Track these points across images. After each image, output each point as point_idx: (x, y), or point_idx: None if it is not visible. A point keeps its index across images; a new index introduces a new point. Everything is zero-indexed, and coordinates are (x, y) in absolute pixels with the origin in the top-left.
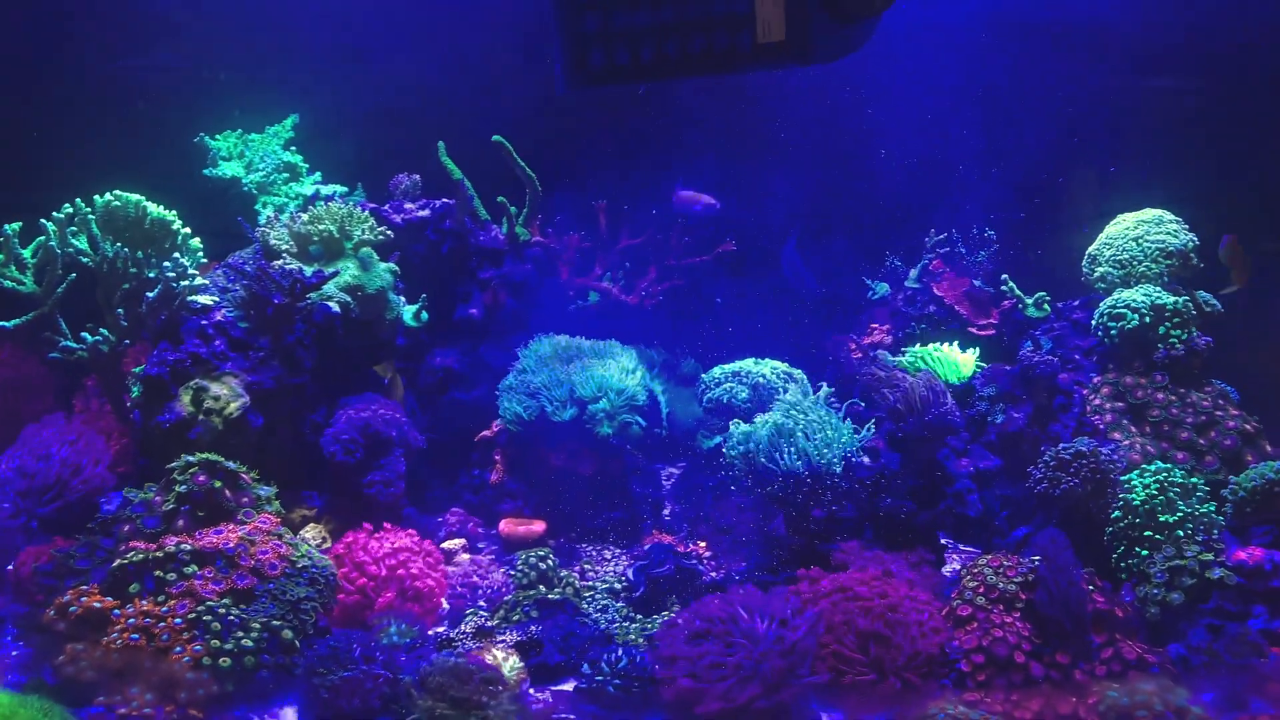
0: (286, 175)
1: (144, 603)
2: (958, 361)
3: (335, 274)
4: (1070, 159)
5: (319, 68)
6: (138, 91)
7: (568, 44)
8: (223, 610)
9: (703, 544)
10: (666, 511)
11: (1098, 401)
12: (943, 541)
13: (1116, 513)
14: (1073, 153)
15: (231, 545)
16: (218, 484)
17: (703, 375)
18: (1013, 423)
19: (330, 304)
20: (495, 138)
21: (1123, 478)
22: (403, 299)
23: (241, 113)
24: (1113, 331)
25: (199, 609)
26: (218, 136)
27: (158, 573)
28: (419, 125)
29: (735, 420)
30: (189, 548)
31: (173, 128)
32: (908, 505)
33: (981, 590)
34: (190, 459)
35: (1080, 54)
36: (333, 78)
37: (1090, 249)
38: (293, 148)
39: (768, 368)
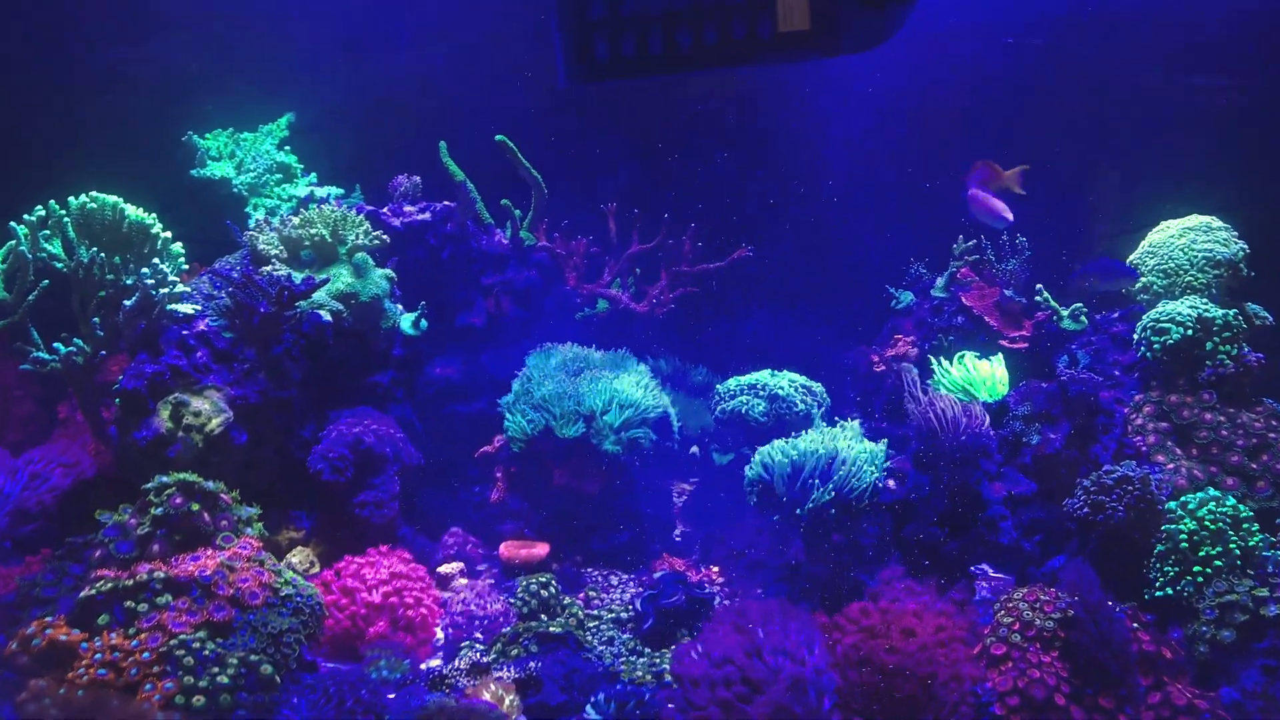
0: (280, 176)
1: (113, 635)
2: (991, 378)
3: (326, 281)
4: (1109, 161)
5: (317, 63)
6: (120, 85)
7: (570, 34)
8: (197, 644)
9: (715, 569)
10: (677, 532)
11: (1140, 421)
12: (973, 570)
13: (1161, 545)
14: (1112, 154)
15: (209, 573)
16: (195, 506)
17: (717, 386)
18: (1049, 444)
19: (321, 313)
20: (499, 137)
21: (1168, 505)
22: (400, 307)
23: (214, 108)
24: (1156, 346)
25: (171, 643)
26: (208, 135)
27: (128, 603)
28: (421, 124)
29: (765, 448)
30: (162, 576)
31: (160, 125)
32: (936, 533)
33: (1017, 627)
34: (166, 480)
35: (1118, 49)
36: (331, 73)
37: (1132, 258)
38: (287, 148)
39: (785, 380)
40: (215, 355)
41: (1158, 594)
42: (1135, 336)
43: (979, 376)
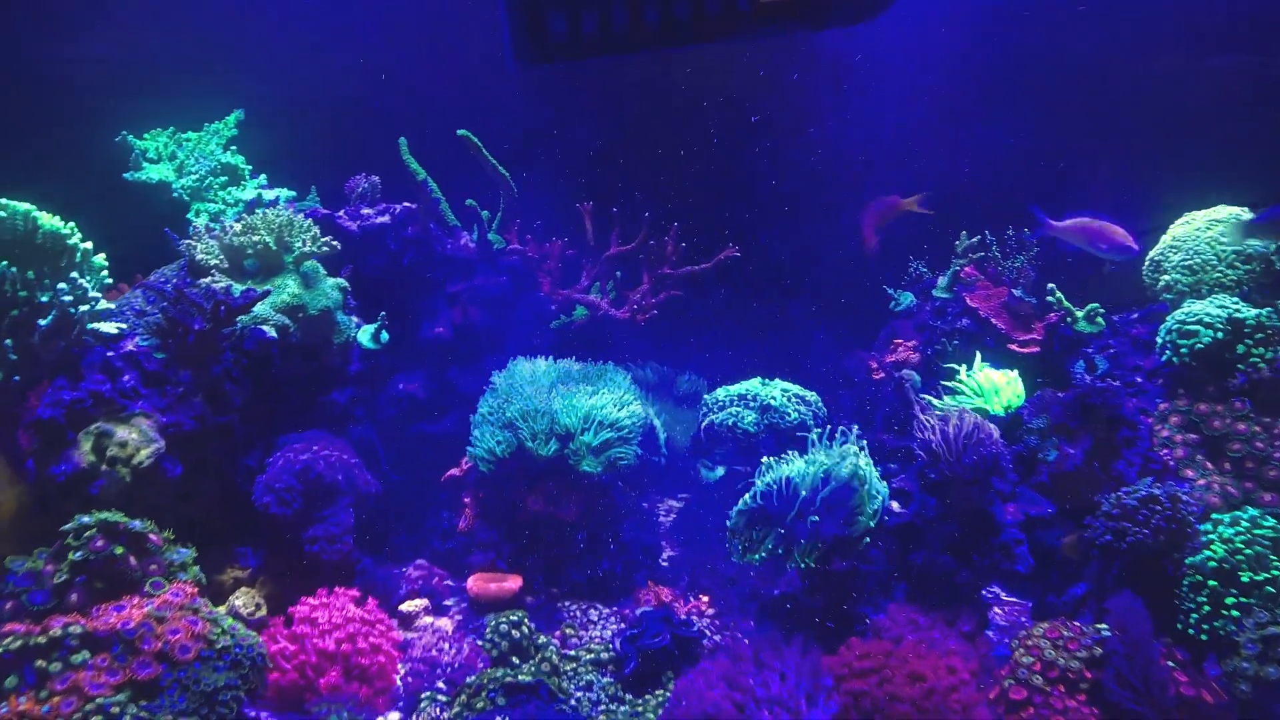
0: (225, 179)
1: (21, 700)
2: (1003, 388)
3: (267, 293)
4: (1124, 148)
5: (271, 57)
6: (48, 83)
7: (519, 7)
8: (116, 708)
9: (705, 598)
10: (665, 557)
11: (1166, 433)
12: (984, 594)
13: (1192, 576)
14: (1127, 141)
15: (133, 625)
16: (120, 550)
17: (705, 397)
18: (1068, 460)
19: (264, 328)
20: (461, 132)
21: (1201, 526)
22: (356, 319)
23: (158, 107)
24: (1182, 350)
25: (87, 707)
26: (146, 135)
27: (40, 662)
28: (383, 121)
29: (765, 466)
30: (79, 630)
31: (94, 126)
32: (946, 560)
33: (1038, 668)
34: (87, 520)
35: (1131, 31)
36: (287, 67)
37: (1152, 253)
38: (233, 148)
39: (777, 389)
40: (145, 378)
41: (1191, 630)
42: (1159, 339)
43: (989, 386)
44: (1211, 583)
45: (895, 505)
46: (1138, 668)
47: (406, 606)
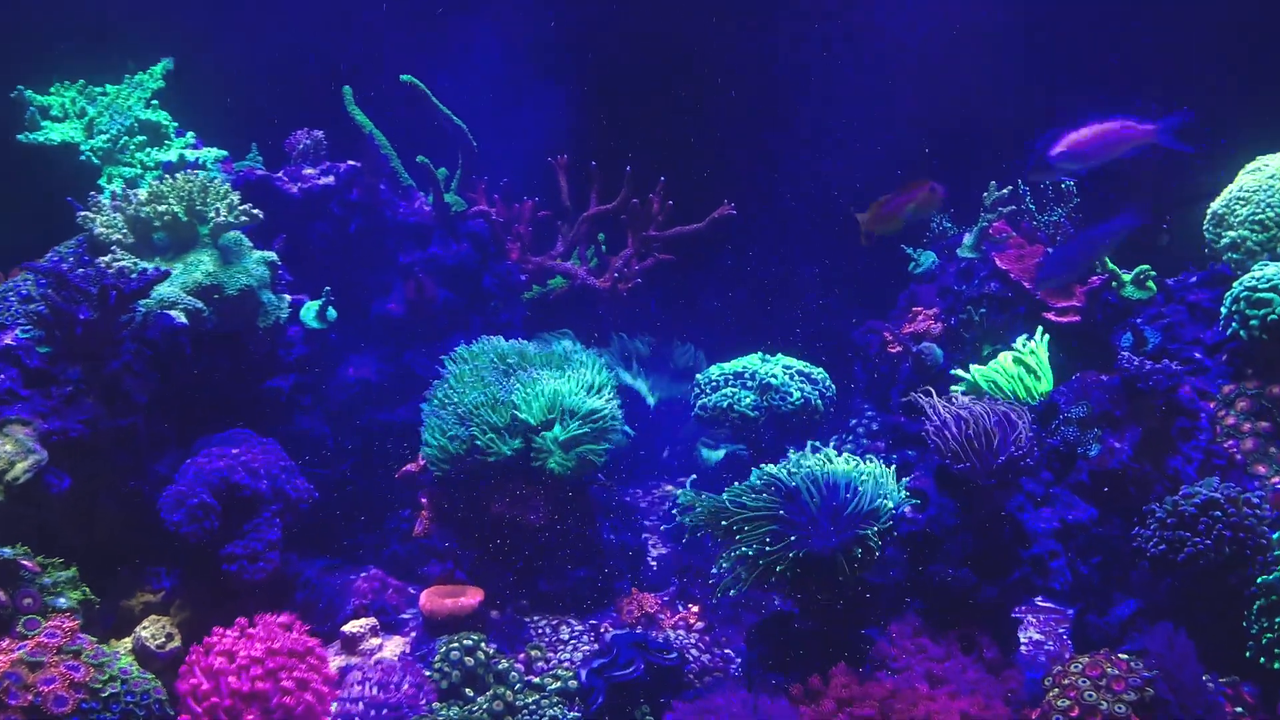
0: (145, 138)
1: None
2: (1035, 368)
3: (167, 274)
4: (1180, 81)
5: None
6: None
7: None
8: None
9: (695, 609)
10: (653, 556)
11: (1232, 421)
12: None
13: (1265, 598)
14: (1183, 72)
15: None
16: None
17: (696, 376)
18: (1113, 456)
19: (172, 313)
20: (405, 77)
21: (1275, 535)
22: (288, 297)
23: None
24: (1252, 322)
25: None
26: (52, 89)
27: None
28: (338, 72)
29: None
30: None
31: None
32: (967, 575)
33: (1076, 713)
34: None
35: None
36: (226, 12)
37: (1214, 206)
38: (155, 103)
39: (778, 366)
40: (27, 377)
41: (1262, 660)
42: (1223, 309)
43: (1014, 371)
44: None
45: (908, 510)
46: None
47: (351, 627)
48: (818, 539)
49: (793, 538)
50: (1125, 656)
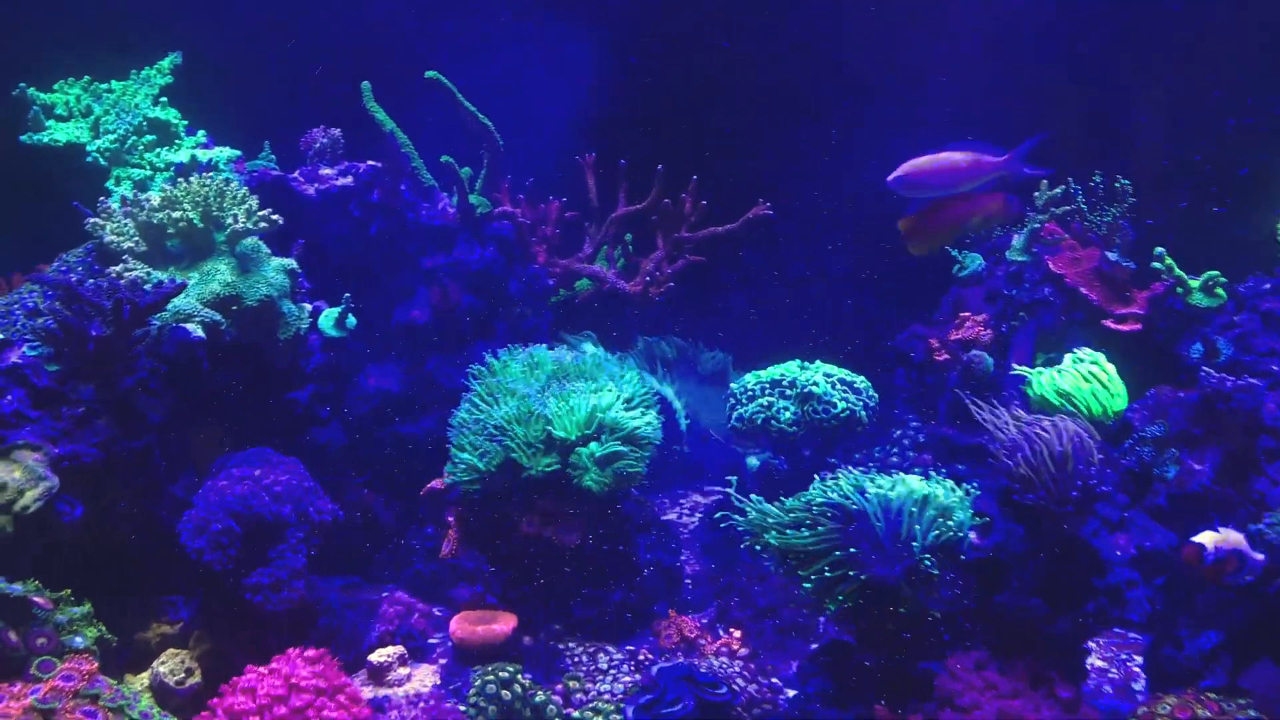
0: (154, 137)
1: None
2: (1108, 383)
3: (184, 286)
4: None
5: None
6: None
7: None
8: None
9: (737, 634)
10: (689, 574)
11: None
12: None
13: None
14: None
15: None
16: None
17: (731, 386)
18: (1193, 478)
19: (189, 327)
20: (430, 74)
21: None
22: (308, 306)
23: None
24: None
25: None
26: (56, 87)
27: None
28: (349, 66)
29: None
30: None
31: None
32: (1038, 605)
33: None
34: None
35: None
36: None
37: None
38: (164, 100)
39: (819, 374)
40: (35, 398)
41: None
42: None
43: (1084, 389)
44: None
45: (973, 536)
46: None
47: (378, 656)
48: (882, 565)
49: (855, 563)
50: (1215, 696)
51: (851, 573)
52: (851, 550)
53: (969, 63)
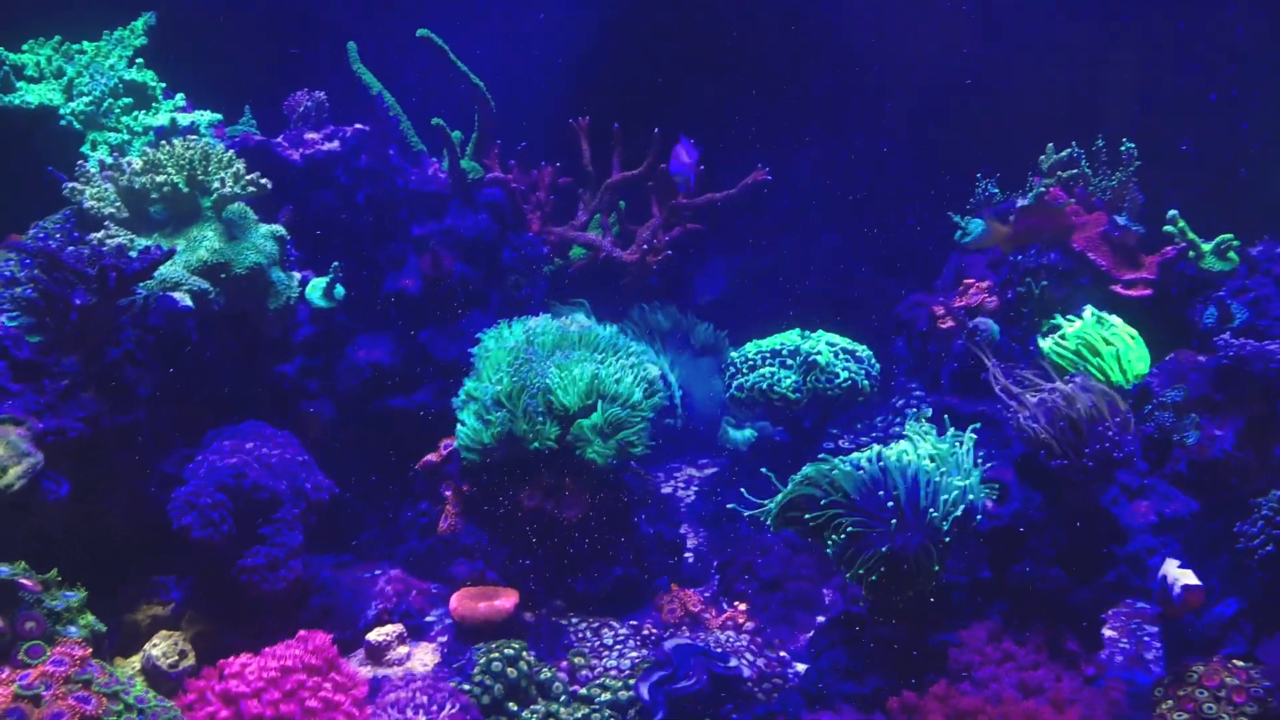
0: (130, 100)
1: None
2: (1128, 346)
3: (173, 252)
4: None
5: None
6: None
7: None
8: None
9: (742, 606)
10: (690, 548)
11: None
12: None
13: None
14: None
15: None
16: None
17: (731, 354)
18: (1214, 444)
19: (176, 295)
20: (421, 32)
21: None
22: (298, 274)
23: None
24: None
25: None
26: (25, 47)
27: None
28: (329, 25)
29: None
30: None
31: None
32: (1058, 575)
33: None
34: None
35: None
36: None
37: None
38: (140, 61)
39: (821, 342)
40: (16, 370)
41: None
42: None
43: (1109, 349)
44: None
45: (989, 503)
46: None
47: (376, 635)
48: (899, 536)
49: (874, 534)
50: (1242, 664)
51: (871, 547)
52: (870, 521)
53: (958, 32)
